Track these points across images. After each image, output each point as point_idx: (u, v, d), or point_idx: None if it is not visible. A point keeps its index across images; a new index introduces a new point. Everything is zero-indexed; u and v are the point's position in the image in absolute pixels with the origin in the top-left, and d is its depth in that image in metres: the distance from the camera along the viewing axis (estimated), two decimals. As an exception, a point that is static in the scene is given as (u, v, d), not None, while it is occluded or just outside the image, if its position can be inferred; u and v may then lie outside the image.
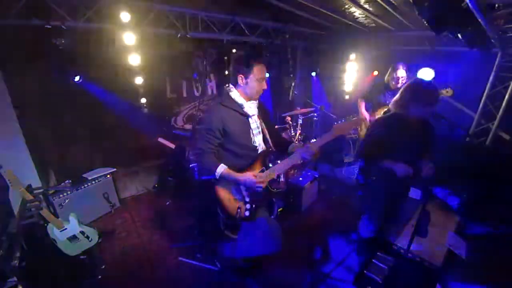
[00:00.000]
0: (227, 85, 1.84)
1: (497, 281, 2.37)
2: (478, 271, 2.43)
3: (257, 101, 1.88)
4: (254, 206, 1.84)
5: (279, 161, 1.94)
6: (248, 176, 1.75)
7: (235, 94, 1.79)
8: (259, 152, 1.90)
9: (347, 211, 3.52)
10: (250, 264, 2.30)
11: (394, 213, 2.36)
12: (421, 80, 2.08)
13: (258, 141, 1.90)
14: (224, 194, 1.87)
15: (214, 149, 1.79)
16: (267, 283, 2.52)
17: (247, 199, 1.84)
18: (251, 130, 1.85)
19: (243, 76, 1.74)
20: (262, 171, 1.86)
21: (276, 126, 2.08)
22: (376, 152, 2.00)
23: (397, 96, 2.09)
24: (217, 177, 1.76)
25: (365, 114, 3.73)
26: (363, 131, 3.81)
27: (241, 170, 1.81)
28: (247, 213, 1.83)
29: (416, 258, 1.94)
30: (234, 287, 2.54)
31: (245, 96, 1.80)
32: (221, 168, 1.73)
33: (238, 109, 1.79)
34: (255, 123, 1.87)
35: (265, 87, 1.80)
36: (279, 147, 2.05)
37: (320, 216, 3.61)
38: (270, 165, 1.93)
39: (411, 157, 1.98)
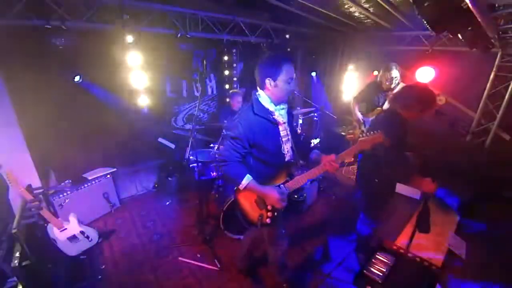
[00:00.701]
0: (255, 90, 1.77)
1: (497, 281, 2.37)
2: (478, 271, 2.43)
3: (287, 105, 1.83)
4: (276, 213, 1.82)
5: (297, 171, 1.92)
6: (273, 192, 1.71)
7: (264, 100, 1.72)
8: (286, 160, 1.85)
9: (347, 211, 3.53)
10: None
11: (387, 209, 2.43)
12: (424, 86, 2.14)
13: (286, 149, 1.84)
14: (246, 201, 1.85)
15: (241, 157, 1.74)
16: (267, 283, 2.52)
17: (269, 207, 1.80)
18: (280, 138, 1.79)
19: (271, 79, 1.66)
20: (287, 181, 1.83)
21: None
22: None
23: (399, 94, 2.14)
24: (241, 189, 1.73)
25: (359, 115, 3.73)
26: (357, 131, 3.82)
27: (267, 178, 1.79)
28: (268, 221, 1.81)
29: (416, 258, 1.94)
30: (234, 287, 2.54)
31: (274, 99, 1.73)
32: (247, 180, 1.69)
33: (268, 117, 1.72)
34: (284, 130, 1.81)
35: (293, 87, 1.74)
36: (301, 153, 1.99)
37: (320, 216, 3.61)
38: (295, 174, 1.89)
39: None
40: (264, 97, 1.72)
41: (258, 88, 1.76)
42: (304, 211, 3.58)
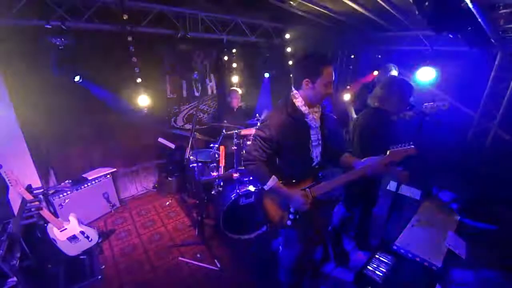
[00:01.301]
0: (291, 90, 1.71)
1: (497, 280, 2.37)
2: (478, 271, 2.43)
3: (320, 108, 1.77)
4: (297, 216, 1.79)
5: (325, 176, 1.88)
6: (297, 195, 1.68)
7: (299, 102, 1.65)
8: (314, 164, 1.80)
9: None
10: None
11: (372, 199, 2.60)
12: (400, 78, 2.34)
13: (316, 153, 1.78)
14: (269, 201, 1.82)
15: (267, 157, 1.70)
16: (267, 282, 2.52)
17: (292, 209, 1.78)
18: (310, 142, 1.73)
19: (309, 81, 1.59)
20: (313, 185, 1.79)
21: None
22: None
23: (379, 91, 2.22)
24: (266, 189, 1.69)
25: (354, 116, 3.71)
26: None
27: (292, 180, 1.76)
28: (289, 223, 1.79)
29: (416, 258, 1.94)
30: (234, 287, 2.55)
31: (309, 102, 1.66)
32: (272, 182, 1.65)
33: (301, 119, 1.67)
34: (316, 135, 1.75)
35: (331, 91, 1.63)
36: (331, 160, 1.95)
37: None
38: (322, 178, 1.85)
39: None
40: (299, 100, 1.66)
41: (293, 88, 1.71)
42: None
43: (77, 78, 3.26)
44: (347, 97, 3.65)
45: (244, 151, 3.30)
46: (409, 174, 1.99)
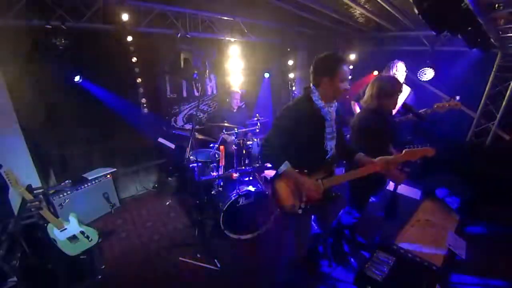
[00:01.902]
0: (309, 86, 1.82)
1: (497, 280, 2.37)
2: (478, 271, 2.43)
3: (335, 105, 1.87)
4: (308, 205, 1.84)
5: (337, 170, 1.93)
6: (309, 181, 1.75)
7: (316, 96, 1.77)
8: (327, 157, 1.86)
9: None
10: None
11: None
12: (384, 75, 2.40)
13: (330, 146, 1.86)
14: (282, 187, 1.88)
15: (283, 144, 1.77)
16: (267, 282, 2.52)
17: (303, 198, 1.83)
18: (325, 134, 1.81)
19: (328, 78, 1.72)
20: (325, 177, 1.84)
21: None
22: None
23: (367, 92, 2.28)
24: (279, 173, 1.76)
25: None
26: None
27: (305, 171, 1.80)
28: (300, 211, 1.84)
29: (416, 258, 1.94)
30: (234, 287, 2.54)
31: (326, 98, 1.77)
32: (285, 166, 1.73)
33: (318, 112, 1.77)
34: (330, 127, 1.83)
35: (348, 87, 1.76)
36: (344, 153, 2.01)
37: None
38: (334, 172, 1.91)
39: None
40: (315, 93, 1.78)
41: (311, 85, 1.81)
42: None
43: (77, 78, 3.26)
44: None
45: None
46: (407, 175, 2.00)
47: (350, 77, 1.76)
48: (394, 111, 2.82)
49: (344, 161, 1.99)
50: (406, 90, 2.88)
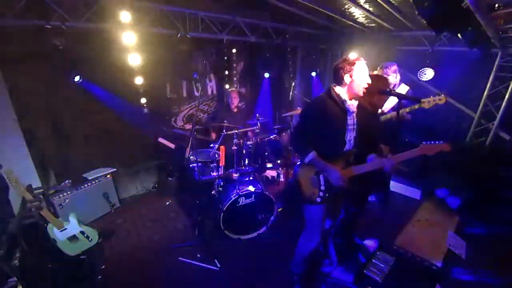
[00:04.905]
0: (333, 83, 1.94)
1: (497, 281, 2.37)
2: (478, 271, 2.43)
3: (358, 101, 1.95)
4: (327, 194, 1.93)
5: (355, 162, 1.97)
6: (334, 169, 1.83)
7: (339, 90, 1.90)
8: (346, 148, 1.95)
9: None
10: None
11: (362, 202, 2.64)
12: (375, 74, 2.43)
13: (349, 136, 1.95)
14: (304, 176, 1.99)
15: (308, 133, 1.92)
16: (267, 282, 2.52)
17: (322, 187, 1.92)
18: (346, 125, 1.91)
19: (348, 74, 1.84)
20: (344, 168, 1.91)
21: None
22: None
23: None
24: (306, 161, 1.87)
25: None
26: None
27: (324, 160, 1.90)
28: (318, 200, 1.93)
29: (416, 258, 1.94)
30: (234, 287, 2.54)
31: (349, 94, 1.89)
32: (312, 155, 1.85)
33: (340, 104, 1.88)
34: (352, 119, 1.93)
35: (369, 81, 1.86)
36: (363, 146, 2.04)
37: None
38: (352, 163, 1.97)
39: None
40: (339, 88, 1.90)
41: (334, 84, 1.94)
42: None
43: (77, 78, 3.26)
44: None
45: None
46: (408, 171, 2.01)
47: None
48: (385, 109, 2.84)
49: (362, 153, 2.02)
50: (404, 90, 2.88)
